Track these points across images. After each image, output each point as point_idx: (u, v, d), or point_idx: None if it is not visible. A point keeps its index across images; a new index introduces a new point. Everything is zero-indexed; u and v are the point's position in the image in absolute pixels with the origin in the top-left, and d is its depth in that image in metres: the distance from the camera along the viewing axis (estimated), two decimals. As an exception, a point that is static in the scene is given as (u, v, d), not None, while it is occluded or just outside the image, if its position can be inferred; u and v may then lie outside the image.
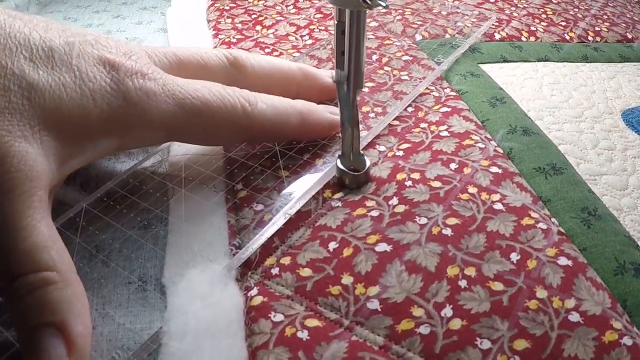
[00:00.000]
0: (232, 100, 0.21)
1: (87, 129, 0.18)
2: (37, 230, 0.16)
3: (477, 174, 0.22)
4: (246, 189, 0.23)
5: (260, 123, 0.22)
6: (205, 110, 0.21)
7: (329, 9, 0.38)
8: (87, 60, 0.19)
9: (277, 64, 0.25)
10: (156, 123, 0.20)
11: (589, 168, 0.25)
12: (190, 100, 0.20)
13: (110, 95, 0.19)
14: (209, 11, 0.38)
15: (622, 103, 0.31)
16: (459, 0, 0.40)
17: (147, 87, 0.19)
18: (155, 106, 0.19)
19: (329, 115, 0.25)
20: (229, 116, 0.21)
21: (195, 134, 0.22)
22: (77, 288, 0.17)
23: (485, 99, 0.28)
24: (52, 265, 0.16)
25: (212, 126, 0.21)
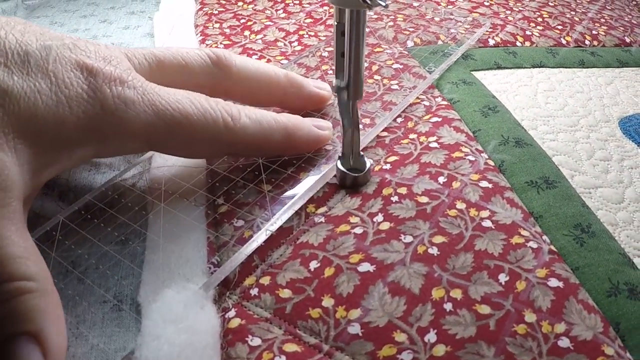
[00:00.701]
0: (213, 114, 0.21)
1: (63, 137, 0.18)
2: (11, 241, 0.16)
3: (466, 189, 0.22)
4: (227, 203, 0.22)
5: (243, 138, 0.21)
6: (185, 123, 0.20)
7: (319, 14, 0.37)
8: (64, 66, 0.18)
9: (262, 68, 0.25)
10: (134, 132, 0.19)
11: (583, 180, 0.24)
12: (170, 111, 0.20)
13: (87, 103, 0.18)
14: (197, 15, 0.37)
15: (620, 110, 0.30)
16: (453, 5, 0.39)
17: (126, 95, 0.19)
18: (134, 115, 0.19)
19: (315, 130, 0.24)
20: (210, 130, 0.20)
21: (175, 146, 0.21)
22: (53, 298, 0.17)
23: (477, 108, 0.27)
24: (28, 274, 0.16)
25: (193, 139, 0.20)
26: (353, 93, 0.20)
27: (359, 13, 0.19)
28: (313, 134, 0.24)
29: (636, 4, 0.42)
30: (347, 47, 0.19)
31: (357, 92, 0.20)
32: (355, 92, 0.20)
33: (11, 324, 0.16)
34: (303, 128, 0.23)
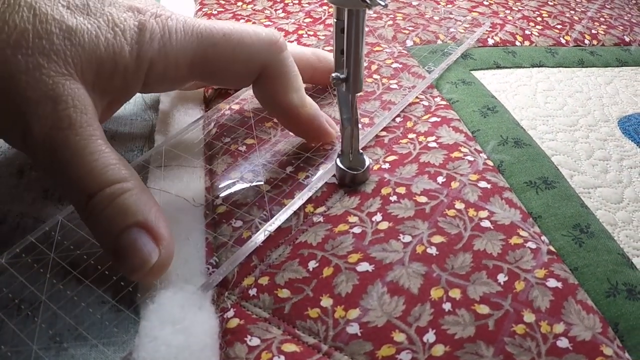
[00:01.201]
0: (250, 31, 0.22)
1: (120, 65, 0.20)
2: (104, 152, 0.19)
3: (465, 189, 0.22)
4: (226, 203, 0.22)
5: (281, 55, 0.23)
6: (224, 42, 0.22)
7: (319, 13, 0.37)
8: (118, 8, 0.21)
9: (291, 47, 0.25)
10: (177, 58, 0.21)
11: (582, 180, 0.24)
12: (208, 32, 0.22)
13: (137, 35, 0.20)
14: (196, 16, 0.37)
15: (619, 110, 0.30)
16: (452, 4, 0.39)
17: (169, 24, 0.21)
18: (177, 41, 0.21)
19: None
20: (249, 46, 0.22)
21: (216, 68, 0.22)
22: (149, 193, 0.19)
23: (476, 108, 0.27)
24: (123, 176, 0.18)
25: (232, 58, 0.22)
26: (352, 87, 0.21)
27: (357, 12, 0.19)
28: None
29: (635, 2, 0.42)
30: (347, 44, 0.20)
31: (356, 86, 0.21)
32: (354, 86, 0.20)
33: (121, 219, 0.18)
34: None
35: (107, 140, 0.20)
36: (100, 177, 0.18)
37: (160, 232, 0.18)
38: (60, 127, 0.18)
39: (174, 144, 0.26)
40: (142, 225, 0.18)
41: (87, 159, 0.18)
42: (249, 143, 0.25)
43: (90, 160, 0.18)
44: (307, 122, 0.23)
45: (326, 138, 0.24)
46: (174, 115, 0.28)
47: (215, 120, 0.27)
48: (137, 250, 0.18)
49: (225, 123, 0.27)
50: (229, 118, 0.27)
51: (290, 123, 0.24)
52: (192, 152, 0.26)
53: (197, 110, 0.28)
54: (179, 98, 0.29)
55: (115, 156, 0.19)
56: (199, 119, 0.27)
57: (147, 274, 0.18)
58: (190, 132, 0.26)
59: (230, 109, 0.27)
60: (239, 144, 0.25)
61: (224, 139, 0.26)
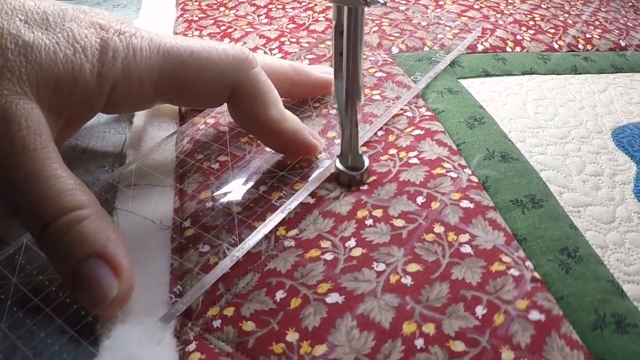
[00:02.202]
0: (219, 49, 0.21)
1: (80, 84, 0.19)
2: (60, 177, 0.18)
3: (445, 210, 0.20)
4: (194, 226, 0.21)
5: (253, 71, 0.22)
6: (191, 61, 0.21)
7: (303, 19, 0.36)
8: (79, 24, 0.20)
9: (267, 61, 0.25)
10: (142, 78, 0.20)
11: (572, 198, 0.23)
12: (175, 50, 0.21)
13: (99, 52, 0.20)
14: (177, 22, 0.36)
15: (613, 120, 0.28)
16: (441, 8, 0.37)
17: (134, 43, 0.20)
18: (141, 61, 0.20)
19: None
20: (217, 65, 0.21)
21: (183, 88, 0.21)
22: (107, 219, 0.18)
23: (462, 119, 0.26)
24: (82, 203, 0.18)
25: (199, 78, 0.21)
26: (352, 91, 0.21)
27: (356, 11, 0.19)
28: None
29: (632, 5, 0.40)
30: (346, 43, 0.20)
31: (355, 90, 0.21)
32: (353, 90, 0.21)
33: (78, 250, 0.17)
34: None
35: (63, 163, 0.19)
36: (57, 203, 0.17)
37: (119, 264, 0.17)
38: (13, 151, 0.18)
39: (146, 161, 0.25)
40: (101, 255, 0.17)
41: (42, 184, 0.17)
42: (222, 160, 0.24)
43: (46, 185, 0.17)
44: (291, 137, 0.22)
45: (312, 151, 0.23)
46: (146, 129, 0.27)
47: (189, 136, 0.26)
48: (95, 284, 0.17)
49: (200, 138, 0.25)
50: (203, 133, 0.26)
51: (272, 140, 0.23)
52: (164, 169, 0.24)
53: (171, 124, 0.27)
54: (154, 110, 0.28)
55: (72, 181, 0.18)
56: (173, 134, 0.26)
57: (106, 307, 0.17)
58: (163, 147, 0.25)
59: (205, 123, 0.26)
60: (211, 161, 0.24)
61: (197, 156, 0.25)
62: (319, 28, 0.34)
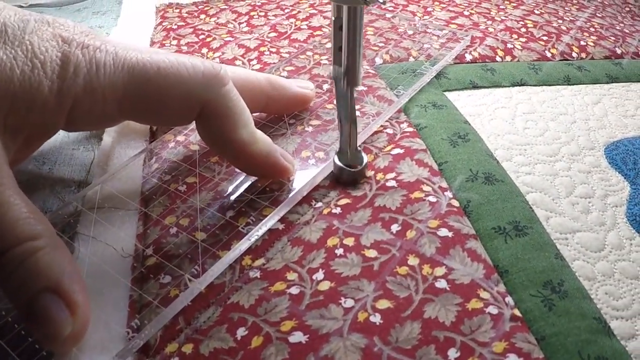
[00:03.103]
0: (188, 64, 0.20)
1: (39, 101, 0.18)
2: (12, 204, 0.17)
3: (421, 240, 0.19)
4: (156, 255, 0.20)
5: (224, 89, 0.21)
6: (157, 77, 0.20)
7: (285, 27, 0.35)
8: (40, 37, 0.19)
9: (242, 75, 0.24)
10: (105, 95, 0.19)
11: (560, 223, 0.21)
12: (141, 66, 0.20)
13: (60, 68, 0.19)
14: (155, 31, 0.35)
15: (607, 135, 0.27)
16: (429, 15, 0.36)
17: (97, 57, 0.19)
18: (105, 77, 0.19)
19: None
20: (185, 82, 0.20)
21: (148, 105, 0.20)
22: (63, 250, 0.17)
23: (446, 136, 0.25)
24: (35, 233, 0.17)
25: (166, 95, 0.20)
26: (351, 81, 0.21)
27: (356, 10, 0.19)
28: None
29: (629, 10, 0.39)
30: (345, 39, 0.20)
31: (354, 80, 0.21)
32: (353, 80, 0.21)
33: (32, 283, 0.16)
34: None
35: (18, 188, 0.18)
36: (10, 233, 0.16)
37: (74, 299, 0.16)
38: None
39: (111, 181, 0.23)
40: (55, 290, 0.16)
41: None
42: (190, 182, 0.23)
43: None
44: (261, 160, 0.21)
45: (284, 174, 0.22)
46: (115, 147, 0.25)
47: (157, 154, 0.25)
48: (48, 320, 0.16)
49: (168, 157, 0.24)
50: (173, 151, 0.25)
51: (241, 162, 0.21)
52: (129, 191, 0.23)
53: (141, 142, 0.26)
54: (124, 126, 0.27)
55: (26, 208, 0.17)
56: (141, 152, 0.25)
57: (59, 344, 0.16)
58: (130, 167, 0.24)
59: (175, 141, 0.25)
60: (179, 183, 0.23)
61: (164, 177, 0.23)
62: (301, 37, 0.33)
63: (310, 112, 0.26)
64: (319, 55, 0.30)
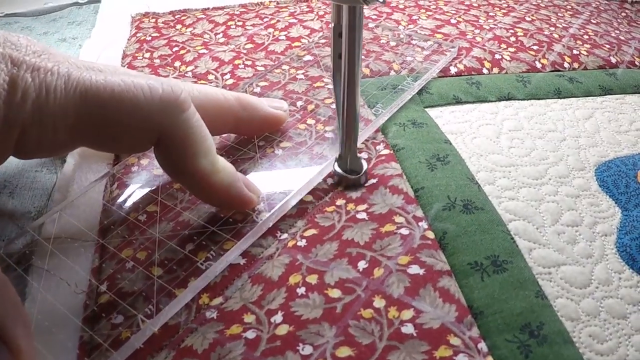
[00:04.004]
0: (144, 86, 0.19)
1: None
2: None
3: (390, 279, 0.18)
4: (110, 292, 0.19)
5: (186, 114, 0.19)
6: (112, 101, 0.18)
7: (262, 37, 0.33)
8: None
9: (210, 94, 0.22)
10: (55, 121, 0.18)
11: (543, 256, 0.20)
12: (94, 90, 0.18)
13: (7, 93, 0.17)
14: (129, 42, 0.33)
15: (598, 154, 0.25)
16: (414, 24, 0.34)
17: (47, 81, 0.18)
18: (54, 102, 0.18)
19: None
20: (141, 105, 0.18)
21: (102, 132, 0.19)
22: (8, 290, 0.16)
23: (424, 159, 0.23)
24: None
25: (121, 120, 0.18)
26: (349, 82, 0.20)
27: (355, 10, 0.19)
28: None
29: (626, 15, 0.37)
30: (345, 46, 0.20)
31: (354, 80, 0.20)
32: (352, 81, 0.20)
33: None
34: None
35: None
36: None
37: (17, 345, 0.15)
38: None
39: (70, 209, 0.22)
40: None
41: None
42: (150, 211, 0.22)
43: None
44: (222, 191, 0.20)
45: (247, 206, 0.20)
46: (75, 170, 0.24)
47: (119, 180, 0.23)
48: None
49: (130, 183, 0.23)
50: (135, 176, 0.23)
51: (202, 193, 0.20)
52: (87, 220, 0.22)
53: (103, 165, 0.24)
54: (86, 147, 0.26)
55: None
56: (102, 177, 0.24)
57: None
58: (90, 193, 0.23)
59: (138, 164, 0.24)
60: (139, 212, 0.22)
61: (125, 204, 0.22)
62: (278, 48, 0.32)
63: (281, 133, 0.24)
64: (295, 70, 0.29)
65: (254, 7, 0.37)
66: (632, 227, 0.21)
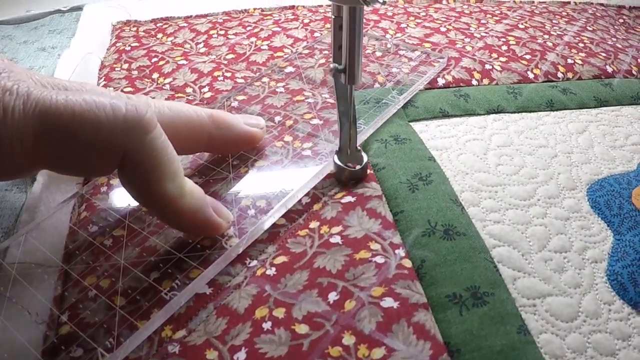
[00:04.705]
0: (107, 105, 0.18)
1: None
2: None
3: (361, 312, 0.17)
4: (71, 322, 0.18)
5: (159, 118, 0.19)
6: (72, 121, 0.17)
7: (244, 48, 0.32)
8: None
9: (182, 111, 0.21)
10: (12, 144, 0.17)
11: (528, 286, 0.18)
12: (54, 110, 0.17)
13: None
14: (108, 52, 0.33)
15: (591, 171, 0.24)
16: (402, 32, 0.33)
17: (6, 100, 0.17)
18: (12, 121, 0.17)
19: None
20: (104, 124, 0.17)
21: (64, 154, 0.18)
22: None
23: (405, 179, 0.22)
24: None
25: (81, 141, 0.17)
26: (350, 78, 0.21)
27: (355, 10, 0.19)
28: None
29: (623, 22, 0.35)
30: (346, 38, 0.20)
31: (354, 78, 0.21)
32: (352, 78, 0.21)
33: None
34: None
35: None
36: None
37: None
38: None
39: (37, 231, 0.21)
40: None
41: None
42: (117, 235, 0.21)
43: None
44: (189, 217, 0.19)
45: (215, 231, 0.19)
46: (44, 190, 0.23)
47: (87, 201, 0.22)
48: None
49: (98, 204, 0.22)
50: (104, 197, 0.23)
51: (168, 218, 0.19)
52: (53, 244, 0.21)
53: (72, 185, 0.24)
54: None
55: None
56: (71, 197, 0.23)
57: None
58: (57, 215, 0.22)
59: (108, 184, 0.23)
60: (105, 236, 0.21)
61: (91, 228, 0.21)
62: (260, 59, 0.31)
63: (257, 151, 0.23)
64: (275, 82, 0.28)
65: (237, 14, 0.36)
66: (624, 253, 0.20)
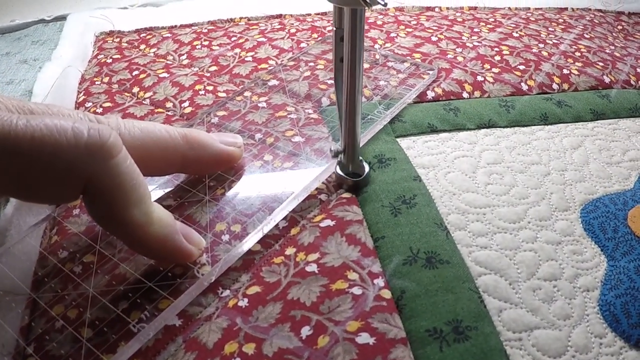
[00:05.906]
0: (66, 126, 0.17)
1: None
2: None
3: (335, 349, 0.16)
4: (36, 354, 0.17)
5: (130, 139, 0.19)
6: (30, 146, 0.16)
7: (227, 59, 0.31)
8: None
9: (154, 132, 0.20)
10: None
11: (515, 318, 0.17)
12: (14, 134, 0.16)
13: None
14: (89, 65, 0.32)
15: (585, 190, 0.23)
16: (392, 42, 0.32)
17: None
18: None
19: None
20: (64, 149, 0.16)
21: (21, 181, 0.17)
22: None
23: (387, 202, 0.21)
24: None
25: (37, 167, 0.16)
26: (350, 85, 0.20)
27: (355, 12, 0.19)
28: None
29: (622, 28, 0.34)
30: (346, 49, 0.20)
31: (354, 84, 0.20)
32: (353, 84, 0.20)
33: None
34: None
35: None
36: None
37: None
38: None
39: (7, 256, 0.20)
40: None
41: None
42: (87, 261, 0.20)
43: None
44: (157, 244, 0.18)
45: (185, 259, 0.18)
46: (15, 213, 0.23)
47: (59, 224, 0.22)
48: None
49: (70, 228, 0.21)
50: (76, 220, 0.22)
51: (135, 245, 0.18)
52: (22, 270, 0.20)
53: (44, 207, 0.23)
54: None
55: None
56: (42, 220, 0.22)
57: None
58: (28, 239, 0.21)
59: (80, 206, 0.22)
60: (75, 262, 0.20)
61: (61, 253, 0.20)
62: (243, 71, 0.30)
63: (235, 171, 0.23)
64: (258, 97, 0.27)
65: (223, 24, 0.35)
66: (618, 281, 0.19)
